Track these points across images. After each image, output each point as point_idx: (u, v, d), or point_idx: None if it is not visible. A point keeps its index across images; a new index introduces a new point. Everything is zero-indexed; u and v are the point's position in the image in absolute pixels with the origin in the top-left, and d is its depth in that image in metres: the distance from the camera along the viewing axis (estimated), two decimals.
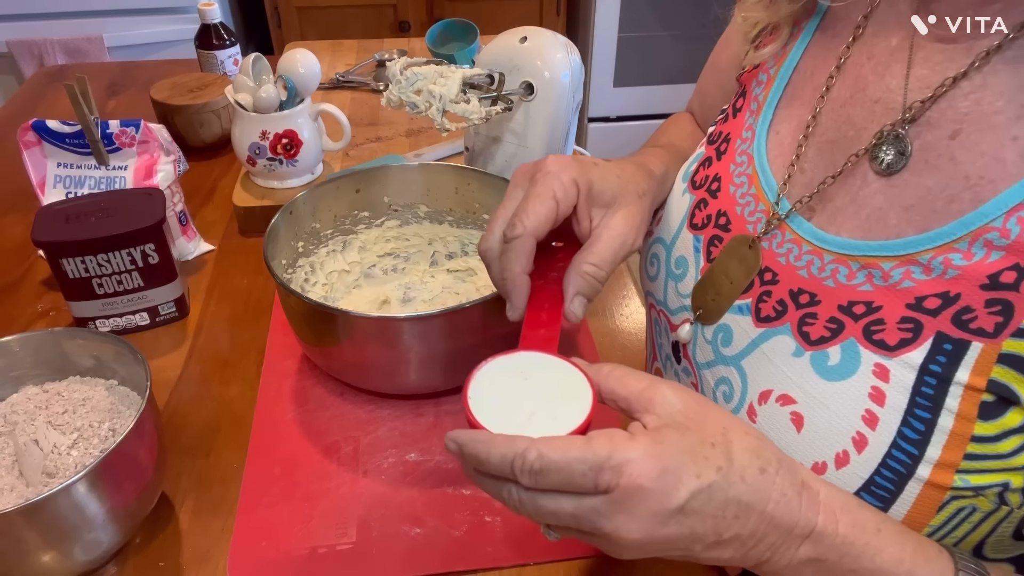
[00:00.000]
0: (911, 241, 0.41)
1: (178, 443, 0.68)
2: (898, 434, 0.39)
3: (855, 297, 0.42)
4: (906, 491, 0.39)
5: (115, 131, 0.85)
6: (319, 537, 0.60)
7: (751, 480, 0.37)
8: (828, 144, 0.47)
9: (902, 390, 0.39)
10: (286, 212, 0.75)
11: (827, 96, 0.48)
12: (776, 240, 0.47)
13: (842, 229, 0.44)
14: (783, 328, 0.45)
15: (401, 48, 1.42)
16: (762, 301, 0.47)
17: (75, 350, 0.63)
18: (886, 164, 0.43)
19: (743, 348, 0.47)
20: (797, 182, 0.48)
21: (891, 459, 0.39)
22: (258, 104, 0.92)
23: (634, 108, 2.55)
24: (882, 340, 0.40)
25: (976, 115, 0.40)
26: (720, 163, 0.54)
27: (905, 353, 0.39)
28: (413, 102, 0.72)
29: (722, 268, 0.50)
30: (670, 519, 0.36)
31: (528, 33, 0.75)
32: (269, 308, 0.84)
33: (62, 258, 0.74)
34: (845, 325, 0.42)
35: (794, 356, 0.44)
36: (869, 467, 0.40)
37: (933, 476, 0.38)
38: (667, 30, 2.41)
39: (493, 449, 0.37)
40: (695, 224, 0.54)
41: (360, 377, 0.71)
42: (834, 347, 0.42)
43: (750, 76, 0.56)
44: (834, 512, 0.38)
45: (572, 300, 0.48)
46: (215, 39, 1.23)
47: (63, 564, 0.54)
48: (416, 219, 0.86)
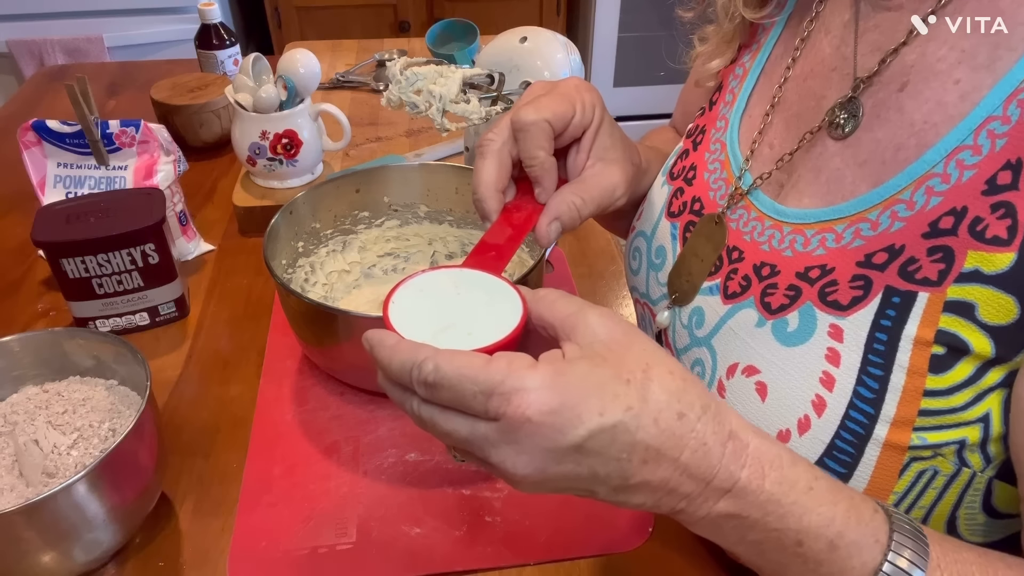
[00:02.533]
0: (862, 200, 0.41)
1: (178, 443, 0.68)
2: (854, 394, 0.39)
3: (811, 263, 0.42)
4: (866, 454, 0.39)
5: (115, 131, 0.85)
6: (319, 537, 0.60)
7: (665, 424, 0.33)
8: (794, 117, 0.48)
9: (856, 348, 0.39)
10: (286, 212, 0.75)
11: (790, 74, 0.50)
12: (742, 219, 0.48)
13: (804, 197, 0.45)
14: (747, 302, 0.45)
15: (401, 48, 1.42)
16: (729, 279, 0.47)
17: (75, 350, 0.63)
18: (841, 129, 0.44)
19: (713, 327, 0.47)
20: (765, 157, 0.49)
21: (849, 420, 0.39)
22: (258, 104, 0.92)
23: (634, 108, 2.55)
24: (836, 300, 0.40)
25: (922, 65, 0.41)
26: (696, 153, 0.55)
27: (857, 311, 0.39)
28: (413, 102, 0.72)
29: (692, 249, 0.51)
30: (565, 457, 0.33)
31: (528, 33, 0.75)
32: (269, 308, 0.84)
33: (62, 258, 0.74)
34: (802, 291, 0.42)
35: (756, 327, 0.44)
36: (829, 430, 0.39)
37: (890, 436, 0.38)
38: (667, 30, 2.41)
39: (395, 355, 0.35)
40: (672, 212, 0.55)
41: (360, 377, 0.71)
42: (792, 313, 0.42)
43: (727, 71, 0.57)
44: (762, 467, 0.35)
45: (550, 224, 0.47)
46: (215, 39, 1.23)
47: (63, 564, 0.54)
48: (416, 219, 0.86)
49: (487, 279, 0.42)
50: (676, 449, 0.33)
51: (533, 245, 0.78)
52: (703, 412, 0.34)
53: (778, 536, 0.35)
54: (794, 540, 0.34)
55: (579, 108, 0.47)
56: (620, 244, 0.96)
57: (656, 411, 0.33)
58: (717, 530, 0.36)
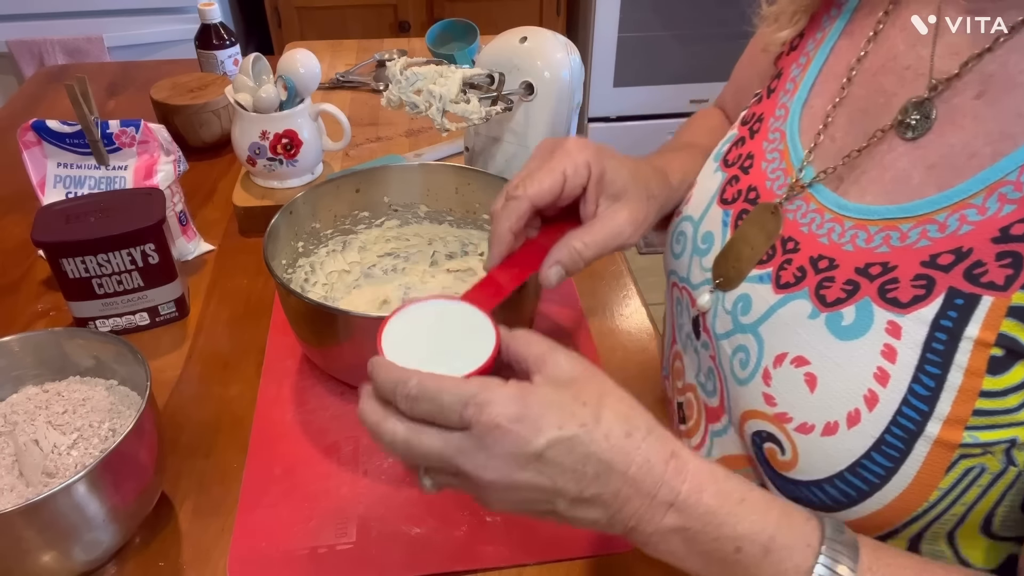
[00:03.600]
0: (929, 201, 0.41)
1: (178, 443, 0.68)
2: (908, 391, 0.39)
3: (872, 259, 0.43)
4: (916, 450, 0.39)
5: (115, 131, 0.85)
6: (319, 537, 0.60)
7: (615, 441, 0.38)
8: (859, 113, 0.48)
9: (913, 346, 0.39)
10: (286, 212, 0.75)
11: (859, 67, 0.49)
12: (801, 210, 0.48)
13: (867, 194, 0.45)
14: (801, 293, 0.46)
15: (401, 48, 1.42)
16: (783, 269, 0.48)
17: (75, 350, 0.63)
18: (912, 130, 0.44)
19: (761, 315, 0.48)
20: (828, 150, 0.49)
21: (901, 416, 0.39)
22: (258, 104, 0.92)
23: (634, 108, 2.55)
24: (895, 298, 0.41)
25: (1003, 76, 0.41)
26: (753, 141, 0.55)
27: (917, 309, 0.40)
28: (413, 102, 0.72)
29: (743, 235, 0.51)
30: (528, 463, 0.37)
31: (528, 33, 0.75)
32: (269, 308, 0.84)
33: (62, 258, 0.74)
34: (860, 286, 0.43)
35: (809, 318, 0.44)
36: (880, 425, 0.40)
37: (942, 433, 0.38)
38: (667, 30, 2.41)
39: (385, 373, 0.41)
40: (725, 199, 0.55)
41: (360, 377, 0.71)
42: (849, 307, 0.43)
43: (789, 59, 0.57)
44: (700, 482, 0.38)
45: (551, 267, 0.51)
46: (215, 39, 1.23)
47: (63, 564, 0.54)
48: (416, 219, 0.86)
49: (472, 313, 0.46)
50: (624, 464, 0.37)
51: None
52: (648, 433, 0.39)
53: (719, 545, 0.38)
54: (733, 547, 0.38)
55: (570, 174, 0.50)
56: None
57: (607, 429, 0.38)
58: (667, 545, 0.39)
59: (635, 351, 0.79)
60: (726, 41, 2.45)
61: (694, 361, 0.57)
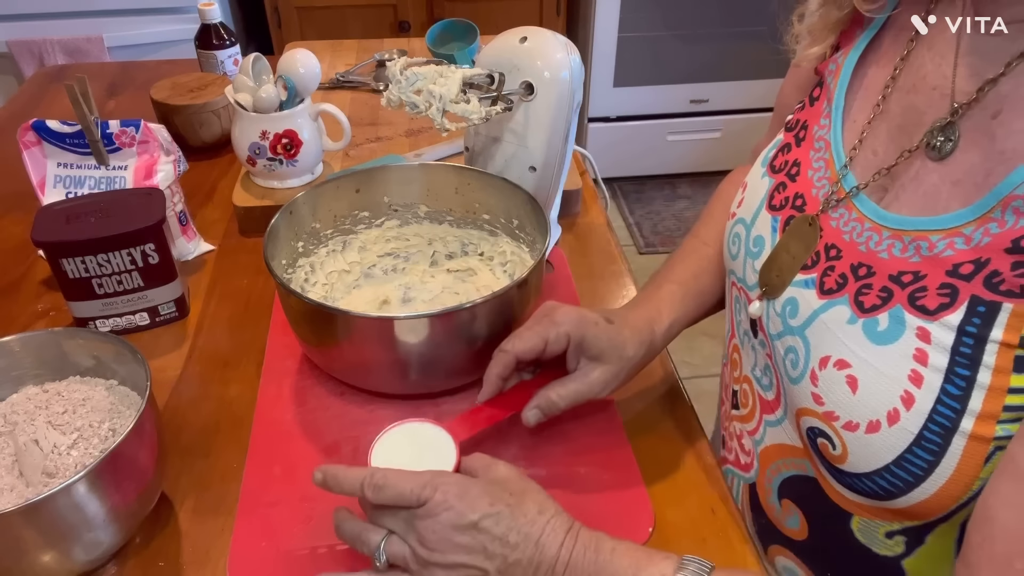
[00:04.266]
0: (957, 215, 0.44)
1: (178, 443, 0.68)
2: (941, 391, 0.42)
3: (904, 268, 0.46)
4: (953, 444, 0.42)
5: (115, 131, 0.85)
6: (319, 537, 0.60)
7: (531, 517, 0.50)
8: (896, 129, 0.51)
9: (942, 351, 0.42)
10: (286, 212, 0.75)
11: (894, 84, 0.52)
12: (843, 219, 0.51)
13: (902, 206, 0.48)
14: (842, 299, 0.49)
15: (401, 48, 1.42)
16: (826, 275, 0.51)
17: (75, 350, 0.63)
18: (937, 151, 0.47)
19: (807, 319, 0.51)
20: (867, 163, 0.52)
21: (937, 414, 0.42)
22: (258, 104, 0.92)
23: (634, 108, 2.55)
24: (923, 305, 0.44)
25: (1016, 97, 0.43)
26: (799, 149, 0.58)
27: (944, 316, 0.43)
28: (413, 102, 0.72)
29: (784, 245, 0.55)
30: (466, 531, 0.48)
31: (528, 33, 0.75)
32: (269, 308, 0.84)
33: (62, 258, 0.74)
34: (893, 293, 0.46)
35: (848, 323, 0.48)
36: (918, 423, 0.43)
37: (976, 428, 0.41)
38: (667, 30, 2.41)
39: (352, 472, 0.52)
40: (773, 205, 0.58)
41: (360, 377, 0.71)
42: (883, 314, 0.46)
43: (824, 65, 0.59)
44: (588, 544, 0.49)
45: (531, 409, 0.62)
46: (215, 39, 1.23)
47: (63, 564, 0.54)
48: (416, 219, 0.86)
49: (443, 437, 0.58)
50: (536, 533, 0.49)
51: (533, 247, 0.78)
52: (555, 515, 0.50)
53: None
54: None
55: (551, 339, 0.60)
56: (620, 244, 0.96)
57: (526, 509, 0.50)
58: None
59: None
60: (726, 41, 2.45)
61: (751, 356, 0.60)
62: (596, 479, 0.65)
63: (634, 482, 0.64)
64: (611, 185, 2.72)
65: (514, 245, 0.82)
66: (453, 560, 0.49)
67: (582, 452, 0.67)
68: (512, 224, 0.82)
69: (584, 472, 0.65)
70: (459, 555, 0.49)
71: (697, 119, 2.60)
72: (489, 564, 0.49)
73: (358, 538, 0.53)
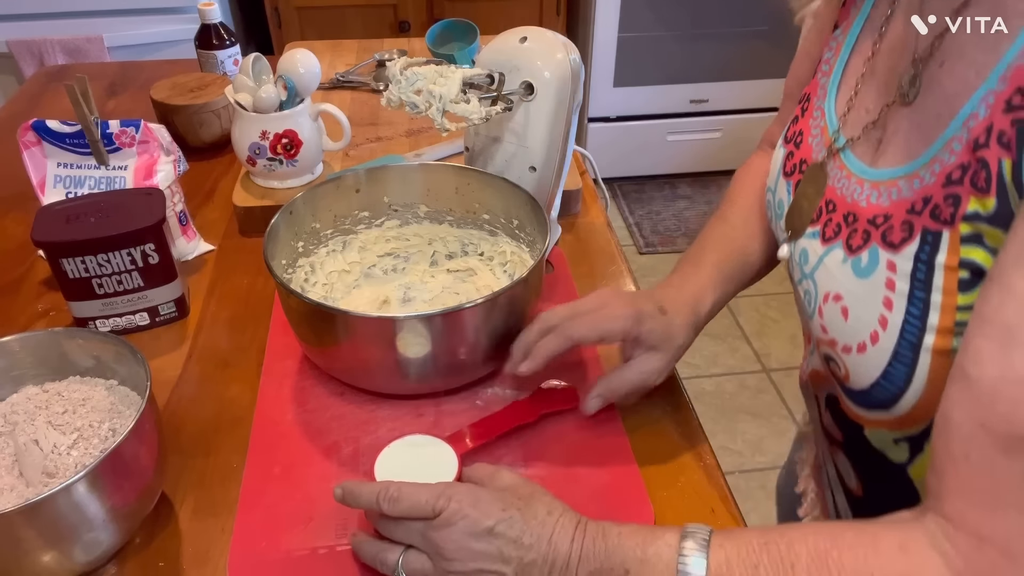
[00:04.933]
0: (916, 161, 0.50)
1: (178, 443, 0.68)
2: (907, 312, 0.49)
3: (878, 212, 0.52)
4: (921, 358, 0.48)
5: (115, 131, 0.85)
6: (319, 537, 0.60)
7: (541, 518, 0.52)
8: (883, 86, 0.56)
9: (905, 278, 0.49)
10: (286, 212, 0.75)
11: (880, 44, 0.57)
12: (836, 176, 0.58)
13: (888, 160, 0.53)
14: (837, 244, 0.56)
15: (401, 48, 1.42)
16: (826, 227, 0.58)
17: (75, 350, 0.63)
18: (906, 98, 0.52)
19: (814, 265, 0.58)
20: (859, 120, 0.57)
21: (906, 333, 0.49)
22: (258, 104, 0.92)
23: (634, 108, 2.55)
24: (891, 241, 0.50)
25: (957, 46, 0.48)
26: (803, 119, 0.64)
27: (904, 249, 0.49)
28: (413, 102, 0.72)
29: (803, 192, 0.61)
30: (482, 537, 0.51)
31: (528, 33, 0.75)
32: (269, 308, 0.84)
33: (62, 258, 0.74)
34: (871, 234, 0.52)
35: (842, 264, 0.55)
36: (892, 341, 0.50)
37: (937, 343, 0.47)
38: (667, 30, 2.41)
39: (367, 487, 0.55)
40: (786, 172, 0.64)
41: (360, 377, 0.71)
42: (864, 252, 0.52)
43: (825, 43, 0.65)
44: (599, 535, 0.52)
45: (593, 397, 0.66)
46: (215, 39, 1.23)
47: (63, 564, 0.54)
48: (416, 219, 0.86)
49: (444, 449, 0.62)
50: (548, 533, 0.52)
51: (534, 247, 0.78)
52: (563, 513, 0.53)
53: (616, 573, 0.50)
54: (622, 571, 0.50)
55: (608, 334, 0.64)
56: (620, 244, 0.96)
57: (535, 512, 0.52)
58: None
59: None
60: (726, 41, 2.45)
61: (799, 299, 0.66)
62: (596, 479, 0.65)
63: (634, 482, 0.64)
64: (611, 185, 2.72)
65: (514, 245, 0.82)
66: (472, 567, 0.51)
67: (582, 452, 0.67)
68: (512, 224, 0.82)
69: (584, 472, 0.65)
70: (478, 561, 0.51)
71: (697, 119, 2.60)
72: (506, 568, 0.51)
73: (376, 558, 0.55)
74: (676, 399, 0.73)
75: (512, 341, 0.66)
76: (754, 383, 1.95)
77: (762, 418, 1.86)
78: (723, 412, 1.87)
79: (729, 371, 1.99)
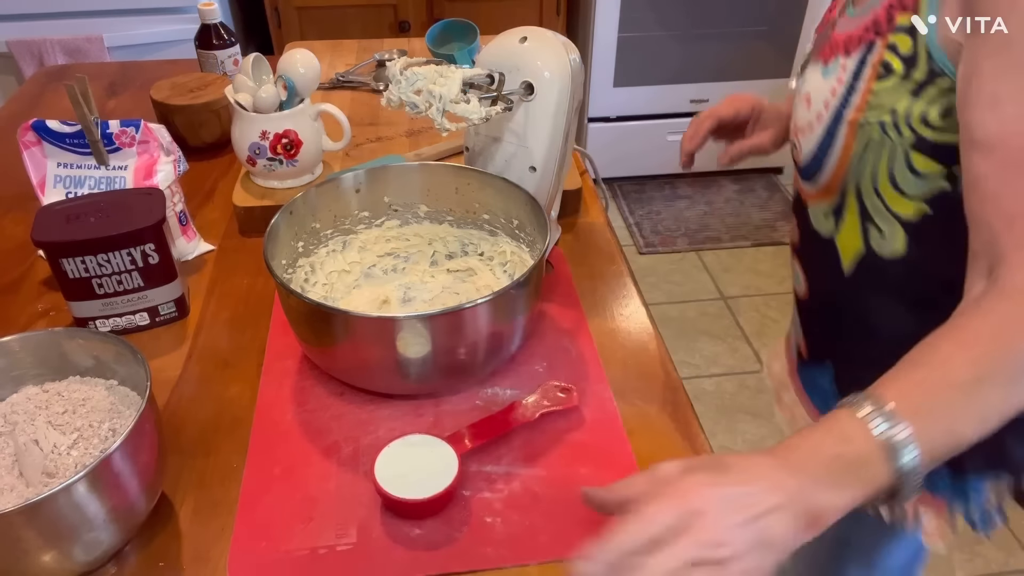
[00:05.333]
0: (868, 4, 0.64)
1: (178, 443, 0.68)
2: (842, 95, 0.65)
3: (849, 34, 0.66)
4: (839, 131, 0.65)
5: (115, 131, 0.85)
6: (319, 537, 0.60)
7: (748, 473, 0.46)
8: None
9: (849, 72, 0.64)
10: (286, 212, 0.75)
11: None
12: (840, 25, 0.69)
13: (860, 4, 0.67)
14: (820, 60, 0.70)
15: (401, 48, 1.42)
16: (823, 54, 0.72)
17: (75, 350, 0.63)
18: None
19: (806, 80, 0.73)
20: None
21: (839, 110, 0.65)
22: (258, 104, 0.92)
23: (634, 108, 2.55)
24: (848, 50, 0.65)
25: None
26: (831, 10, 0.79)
27: (854, 53, 0.64)
28: (413, 102, 0.72)
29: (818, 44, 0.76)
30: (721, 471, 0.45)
31: (528, 33, 0.75)
32: (269, 308, 0.84)
33: (62, 258, 0.74)
34: (838, 48, 0.67)
35: (817, 71, 0.70)
36: (829, 118, 0.66)
37: (851, 116, 0.64)
38: (667, 30, 2.41)
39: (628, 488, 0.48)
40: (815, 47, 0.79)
41: (360, 377, 0.71)
42: (832, 61, 0.67)
43: None
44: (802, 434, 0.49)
45: (725, 157, 0.91)
46: (215, 39, 1.23)
47: (63, 564, 0.54)
48: (416, 219, 0.86)
49: (444, 449, 0.62)
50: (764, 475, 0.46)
51: (533, 247, 0.78)
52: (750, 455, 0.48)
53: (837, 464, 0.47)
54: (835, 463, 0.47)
55: (741, 111, 0.89)
56: (620, 244, 0.96)
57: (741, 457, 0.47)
58: None
59: (635, 351, 0.79)
60: (726, 41, 2.45)
61: None
62: (596, 479, 0.64)
63: None
64: (611, 185, 2.72)
65: (514, 245, 0.82)
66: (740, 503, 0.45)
67: (582, 452, 0.67)
68: (512, 224, 0.82)
69: (584, 472, 0.65)
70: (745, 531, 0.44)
71: None
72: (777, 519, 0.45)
73: None
74: (676, 399, 0.73)
75: (512, 341, 0.66)
76: (754, 383, 1.95)
77: (762, 418, 1.86)
78: (723, 412, 1.87)
79: (729, 371, 1.99)
